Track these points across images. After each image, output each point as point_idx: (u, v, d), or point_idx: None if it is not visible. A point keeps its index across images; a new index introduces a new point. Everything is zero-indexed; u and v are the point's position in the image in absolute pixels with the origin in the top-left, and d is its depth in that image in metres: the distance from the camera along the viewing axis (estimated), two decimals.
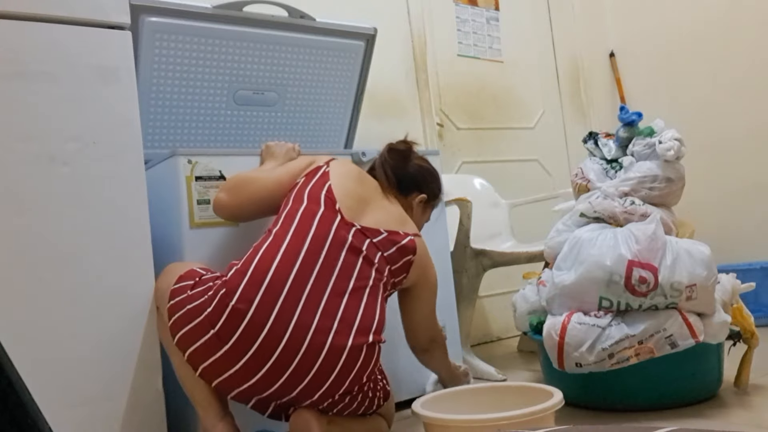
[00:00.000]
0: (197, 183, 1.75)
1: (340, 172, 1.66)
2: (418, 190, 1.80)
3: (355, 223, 1.55)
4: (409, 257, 1.61)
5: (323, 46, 2.17)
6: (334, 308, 1.41)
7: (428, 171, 1.84)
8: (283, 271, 1.40)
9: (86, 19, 1.54)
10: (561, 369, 1.79)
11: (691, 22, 3.48)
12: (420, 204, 1.81)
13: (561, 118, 3.74)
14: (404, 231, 1.63)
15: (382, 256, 1.55)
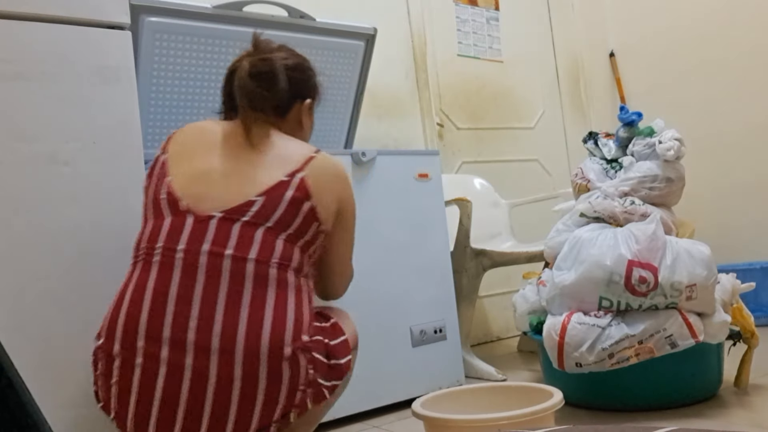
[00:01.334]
0: None
1: (178, 151, 1.34)
2: (301, 97, 1.46)
3: (213, 213, 1.22)
4: (306, 204, 1.26)
5: (323, 46, 2.17)
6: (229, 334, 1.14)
7: (300, 68, 1.46)
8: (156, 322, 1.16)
9: (86, 19, 1.54)
10: (561, 369, 1.79)
11: (691, 22, 3.48)
12: (309, 111, 1.49)
13: (561, 118, 3.74)
14: (290, 172, 1.27)
15: (269, 229, 1.22)
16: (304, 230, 1.26)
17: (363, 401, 2.03)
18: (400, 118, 3.04)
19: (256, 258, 1.19)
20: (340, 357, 1.28)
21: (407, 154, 2.34)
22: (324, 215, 1.29)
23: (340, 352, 1.29)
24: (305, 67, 1.49)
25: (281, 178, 1.26)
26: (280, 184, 1.25)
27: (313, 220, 1.27)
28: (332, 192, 1.32)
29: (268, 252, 1.20)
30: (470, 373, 2.40)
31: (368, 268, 2.09)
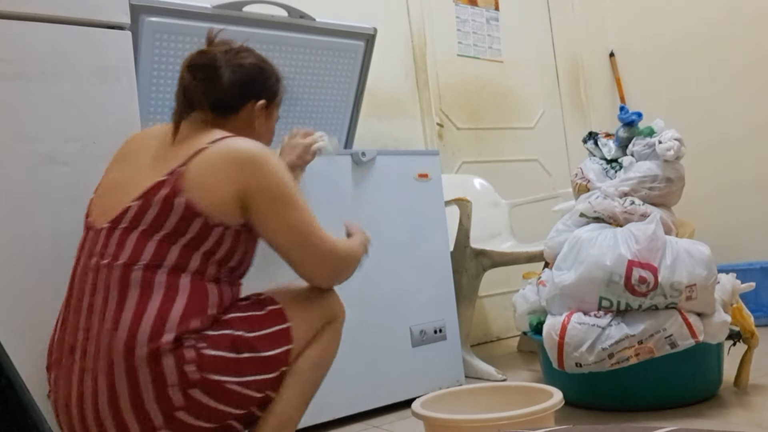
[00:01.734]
0: None
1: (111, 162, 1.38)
2: (251, 98, 1.39)
3: (103, 225, 1.24)
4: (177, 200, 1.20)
5: (323, 46, 2.17)
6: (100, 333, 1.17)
7: (255, 68, 1.40)
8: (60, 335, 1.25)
9: (86, 19, 1.54)
10: (561, 369, 1.79)
11: (690, 22, 3.48)
12: (262, 112, 1.41)
13: (561, 118, 3.74)
14: (171, 169, 1.22)
15: (143, 232, 1.20)
16: (184, 227, 1.20)
17: (363, 401, 2.03)
18: (400, 118, 3.04)
19: (123, 263, 1.18)
20: (263, 349, 1.22)
21: (407, 154, 2.34)
22: (210, 208, 1.21)
23: (264, 343, 1.23)
24: (262, 68, 1.42)
25: (160, 178, 1.22)
26: (158, 184, 1.22)
27: (194, 216, 1.20)
28: (226, 181, 1.22)
29: (137, 255, 1.18)
30: (470, 373, 2.40)
31: (368, 268, 2.09)
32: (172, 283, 1.18)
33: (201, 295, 1.20)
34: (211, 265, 1.23)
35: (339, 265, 1.33)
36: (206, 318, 1.19)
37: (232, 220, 1.23)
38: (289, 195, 1.26)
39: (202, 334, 1.17)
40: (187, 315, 1.17)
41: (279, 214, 1.26)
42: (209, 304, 1.21)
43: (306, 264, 1.30)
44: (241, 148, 1.25)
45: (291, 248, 1.28)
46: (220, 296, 1.23)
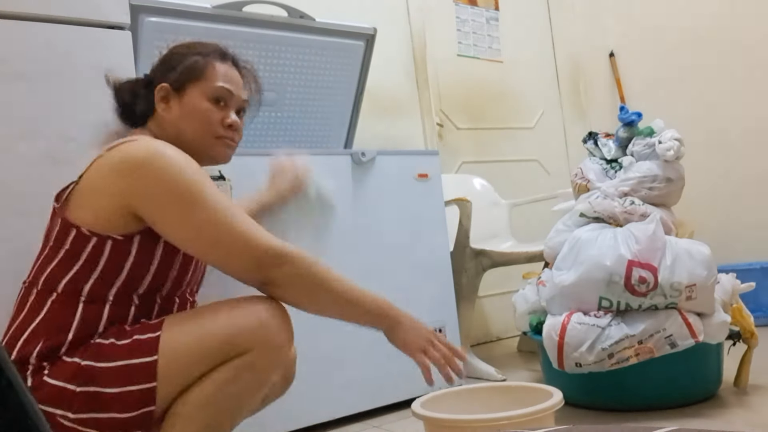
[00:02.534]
0: None
1: None
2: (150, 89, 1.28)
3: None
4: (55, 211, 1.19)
5: (323, 46, 2.17)
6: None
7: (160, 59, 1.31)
8: None
9: (86, 19, 1.54)
10: (561, 369, 1.79)
11: (690, 22, 3.48)
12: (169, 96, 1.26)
13: (561, 118, 3.74)
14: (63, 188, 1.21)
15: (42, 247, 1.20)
16: (62, 240, 1.13)
17: (363, 401, 2.03)
18: (400, 118, 3.04)
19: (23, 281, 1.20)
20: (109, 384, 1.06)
21: (407, 154, 2.34)
22: (81, 218, 1.12)
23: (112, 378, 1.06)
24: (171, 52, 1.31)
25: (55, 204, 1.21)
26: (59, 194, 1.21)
27: (69, 227, 1.13)
28: (105, 189, 1.12)
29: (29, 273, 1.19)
30: (470, 373, 2.40)
31: (368, 268, 2.09)
32: (38, 302, 1.13)
33: (61, 315, 1.10)
34: (92, 283, 1.12)
35: (262, 259, 1.11)
36: (56, 341, 1.08)
37: (113, 230, 1.12)
38: (187, 194, 1.09)
39: (54, 358, 1.07)
40: (33, 337, 1.08)
41: (179, 218, 1.10)
42: (69, 326, 1.09)
43: (223, 259, 1.12)
44: (128, 151, 1.12)
45: (201, 249, 1.12)
46: (93, 317, 1.11)
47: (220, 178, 1.77)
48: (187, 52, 1.29)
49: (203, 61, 1.28)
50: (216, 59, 1.29)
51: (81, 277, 1.12)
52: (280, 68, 2.14)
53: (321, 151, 2.25)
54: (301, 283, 1.15)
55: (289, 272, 1.13)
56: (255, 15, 2.02)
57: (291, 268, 1.13)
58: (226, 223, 1.11)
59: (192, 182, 1.11)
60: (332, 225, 2.03)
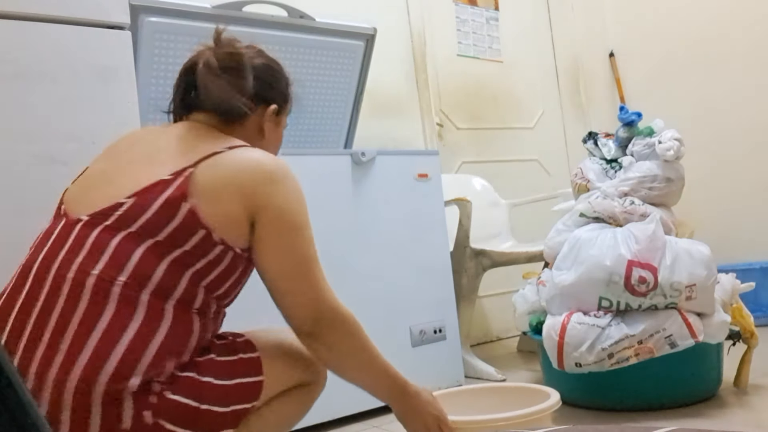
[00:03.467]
0: None
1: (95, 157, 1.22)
2: (262, 102, 1.25)
3: (81, 217, 1.06)
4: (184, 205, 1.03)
5: (323, 46, 2.17)
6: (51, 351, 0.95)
7: (269, 70, 1.28)
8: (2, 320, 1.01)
9: (86, 19, 1.54)
10: (561, 369, 1.79)
11: (690, 22, 3.48)
12: (272, 118, 1.27)
13: (561, 118, 3.74)
14: (178, 169, 1.06)
15: (130, 235, 1.02)
16: (181, 238, 1.02)
17: (363, 401, 2.02)
18: (400, 118, 3.04)
19: (100, 271, 0.99)
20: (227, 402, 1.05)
21: (407, 154, 2.34)
22: (216, 221, 1.04)
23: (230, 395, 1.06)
24: (276, 70, 1.30)
25: (163, 177, 1.05)
26: (159, 183, 1.05)
27: (197, 226, 1.03)
28: (237, 193, 1.06)
29: (117, 263, 1.00)
30: (470, 373, 2.40)
31: (368, 268, 2.09)
32: (156, 309, 1.00)
33: (184, 329, 1.02)
34: (200, 291, 1.06)
35: (325, 315, 1.11)
36: (182, 359, 1.02)
37: (236, 240, 1.07)
38: (301, 222, 1.12)
39: (172, 374, 1.00)
40: (163, 354, 0.98)
41: (283, 237, 1.09)
42: (189, 343, 1.03)
43: (293, 296, 1.10)
44: (260, 160, 1.11)
45: (284, 276, 1.10)
46: (203, 332, 1.06)
47: None
48: (288, 79, 1.33)
49: (292, 93, 1.34)
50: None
51: (193, 284, 1.05)
52: None
53: (321, 151, 2.25)
54: (345, 349, 1.15)
55: (339, 336, 1.13)
56: (255, 15, 2.02)
57: (341, 332, 1.13)
58: (314, 264, 1.12)
59: (305, 213, 1.14)
60: (331, 224, 2.03)
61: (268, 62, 1.29)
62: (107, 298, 0.97)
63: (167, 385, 0.99)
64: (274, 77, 1.29)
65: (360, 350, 1.16)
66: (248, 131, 1.24)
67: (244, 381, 1.09)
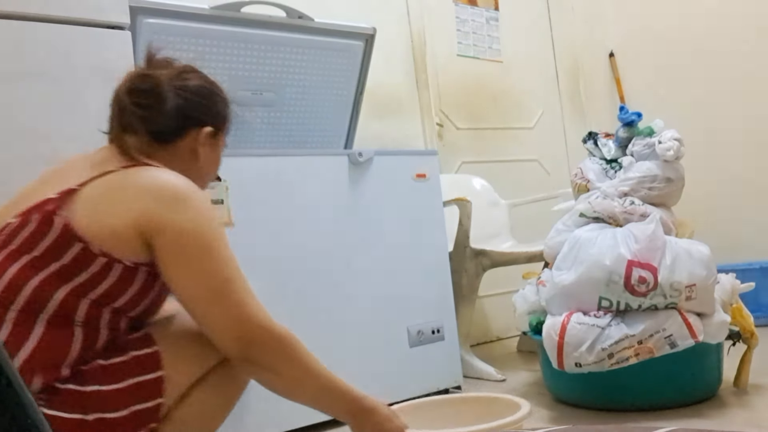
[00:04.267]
0: None
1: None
2: (195, 124, 1.20)
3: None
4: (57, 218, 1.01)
5: (322, 47, 2.17)
6: None
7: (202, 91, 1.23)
8: None
9: (86, 19, 1.54)
10: (561, 369, 1.79)
11: (690, 22, 3.48)
12: (207, 140, 1.22)
13: (560, 118, 3.74)
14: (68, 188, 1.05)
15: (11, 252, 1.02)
16: (58, 252, 1.00)
17: None
18: (399, 118, 3.04)
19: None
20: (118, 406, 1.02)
21: (405, 154, 2.34)
22: (93, 233, 1.01)
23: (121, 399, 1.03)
24: (210, 91, 1.24)
25: (51, 195, 1.03)
26: (45, 201, 1.03)
27: (72, 240, 1.00)
28: (125, 209, 1.03)
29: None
30: (470, 373, 2.40)
31: (365, 269, 2.09)
32: (22, 326, 0.98)
33: (58, 343, 1.00)
34: (84, 304, 1.02)
35: (255, 337, 1.05)
36: (59, 374, 0.99)
37: (124, 254, 1.03)
38: (209, 241, 1.05)
39: (50, 386, 0.97)
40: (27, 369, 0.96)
41: (191, 260, 1.04)
42: (68, 356, 1.00)
43: (212, 320, 1.05)
44: (161, 179, 1.07)
45: (198, 301, 1.05)
46: (89, 344, 1.03)
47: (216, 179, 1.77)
48: (225, 100, 1.28)
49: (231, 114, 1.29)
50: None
51: (76, 298, 1.02)
52: (279, 69, 2.14)
53: (318, 152, 2.25)
54: (287, 371, 1.09)
55: (277, 357, 1.07)
56: (253, 15, 2.02)
57: (279, 354, 1.07)
58: (232, 284, 1.06)
59: (217, 232, 1.08)
60: (328, 226, 2.03)
61: (202, 83, 1.24)
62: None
63: (44, 402, 0.96)
64: (209, 98, 1.24)
65: (304, 371, 1.10)
66: (181, 154, 1.19)
67: (138, 380, 1.04)
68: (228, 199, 1.84)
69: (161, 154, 1.17)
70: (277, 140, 2.24)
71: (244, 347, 1.05)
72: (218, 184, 1.81)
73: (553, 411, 1.92)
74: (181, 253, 1.04)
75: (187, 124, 1.19)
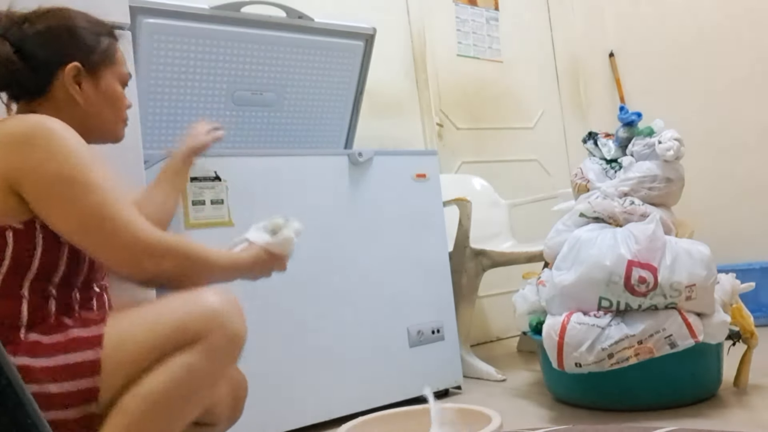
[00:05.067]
0: (192, 184, 1.76)
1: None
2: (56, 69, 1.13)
3: None
4: None
5: (322, 46, 2.17)
6: None
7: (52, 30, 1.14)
8: None
9: None
10: (561, 369, 1.79)
11: (690, 23, 3.48)
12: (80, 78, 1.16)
13: (561, 118, 3.74)
14: None
15: None
16: None
17: (360, 401, 2.02)
18: (399, 118, 3.04)
19: None
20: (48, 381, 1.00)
21: (405, 155, 2.34)
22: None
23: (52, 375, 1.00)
24: (68, 26, 1.15)
25: None
26: None
27: None
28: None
29: None
30: (470, 374, 2.40)
31: (365, 268, 2.09)
32: None
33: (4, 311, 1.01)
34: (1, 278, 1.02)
35: (149, 255, 1.04)
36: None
37: (9, 218, 1.02)
38: (77, 174, 1.02)
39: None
40: None
41: (63, 198, 1.01)
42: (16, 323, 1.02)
43: (103, 249, 1.04)
44: (14, 125, 1.03)
45: (81, 232, 1.03)
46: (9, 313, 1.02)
47: (216, 179, 1.77)
48: (92, 30, 1.19)
49: (113, 44, 1.23)
50: (116, 40, 1.25)
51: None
52: (279, 69, 2.14)
53: (318, 152, 2.25)
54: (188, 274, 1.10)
55: (174, 267, 1.07)
56: (253, 15, 2.02)
57: (175, 262, 1.08)
58: (109, 207, 1.03)
59: (84, 164, 1.03)
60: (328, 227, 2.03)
61: (60, 22, 1.15)
62: None
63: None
64: (69, 34, 1.15)
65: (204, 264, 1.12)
66: (57, 103, 1.14)
67: (71, 358, 1.00)
68: (228, 199, 1.84)
69: (45, 107, 1.12)
70: (277, 140, 2.24)
71: (140, 268, 1.05)
72: (218, 184, 1.81)
73: (553, 411, 1.92)
74: (46, 195, 1.01)
75: (46, 70, 1.12)
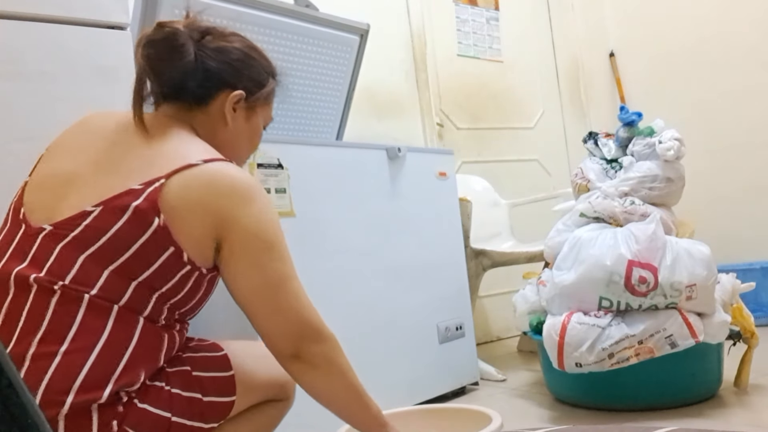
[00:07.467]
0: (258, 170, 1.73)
1: (53, 146, 1.17)
2: (222, 86, 1.13)
3: (45, 226, 0.99)
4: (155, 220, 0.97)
5: (321, 37, 2.17)
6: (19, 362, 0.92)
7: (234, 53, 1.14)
8: None
9: (86, 19, 1.54)
10: (561, 369, 1.79)
11: (690, 22, 3.48)
12: (238, 106, 1.15)
13: (561, 118, 3.74)
14: (149, 179, 0.99)
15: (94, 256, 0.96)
16: (153, 256, 0.98)
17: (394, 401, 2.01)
18: (400, 118, 3.04)
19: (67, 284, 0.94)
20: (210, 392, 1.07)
21: (428, 152, 2.35)
22: (185, 240, 0.98)
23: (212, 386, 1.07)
24: (246, 54, 1.16)
25: (132, 186, 0.98)
26: (128, 192, 0.97)
27: (168, 244, 0.97)
28: (208, 213, 0.99)
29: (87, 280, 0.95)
30: None
31: (397, 264, 2.08)
32: (126, 321, 0.96)
33: (153, 341, 1.00)
34: (166, 310, 1.02)
35: (307, 334, 1.05)
36: (152, 370, 1.00)
37: (202, 261, 1.02)
38: (271, 240, 1.03)
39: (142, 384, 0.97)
40: (133, 365, 0.95)
41: (253, 257, 1.02)
42: (160, 355, 1.01)
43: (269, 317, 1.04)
44: (234, 178, 1.03)
45: (257, 296, 1.03)
46: (171, 344, 1.04)
47: (279, 166, 1.72)
48: (265, 67, 1.20)
49: (274, 87, 1.22)
50: (277, 84, 1.24)
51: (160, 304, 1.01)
52: (280, 56, 2.11)
53: (358, 144, 2.21)
54: (329, 368, 1.06)
55: (323, 352, 1.05)
56: None
57: (327, 349, 1.06)
58: (292, 282, 1.05)
59: (279, 230, 1.06)
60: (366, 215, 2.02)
61: (242, 47, 1.16)
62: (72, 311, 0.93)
63: (136, 394, 0.96)
64: (246, 62, 1.16)
65: (343, 373, 1.07)
66: (211, 120, 1.14)
67: (216, 400, 1.06)
68: (290, 188, 1.77)
69: (197, 115, 1.13)
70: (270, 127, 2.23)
71: (296, 343, 1.04)
72: (281, 172, 1.76)
73: (553, 411, 1.92)
74: (244, 250, 1.02)
75: (213, 85, 1.12)
